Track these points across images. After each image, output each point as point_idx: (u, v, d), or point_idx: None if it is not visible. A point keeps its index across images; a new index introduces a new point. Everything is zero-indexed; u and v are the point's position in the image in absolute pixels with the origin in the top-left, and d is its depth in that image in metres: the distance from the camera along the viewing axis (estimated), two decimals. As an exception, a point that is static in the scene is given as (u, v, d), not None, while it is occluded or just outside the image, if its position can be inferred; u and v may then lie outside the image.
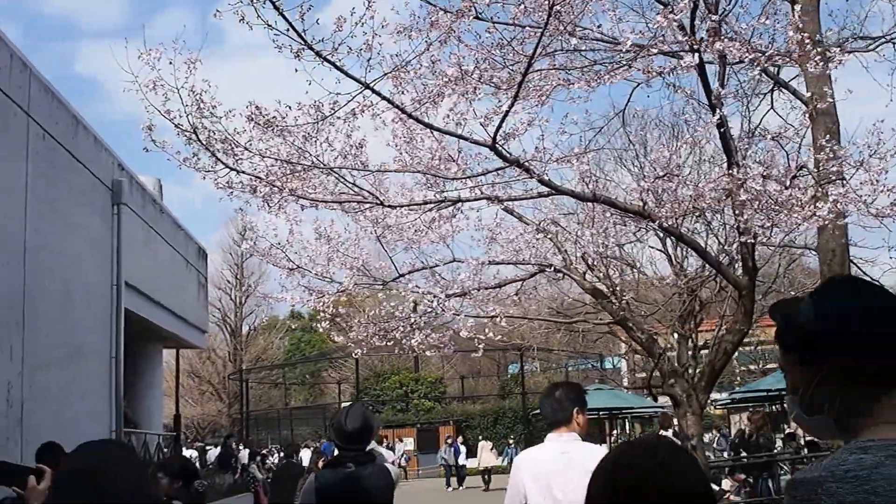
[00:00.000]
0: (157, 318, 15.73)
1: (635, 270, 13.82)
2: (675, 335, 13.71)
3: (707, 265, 11.68)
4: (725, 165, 8.01)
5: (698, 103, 8.60)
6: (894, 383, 1.90)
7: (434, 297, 8.80)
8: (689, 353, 11.88)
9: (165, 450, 17.32)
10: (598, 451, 4.79)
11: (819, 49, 8.27)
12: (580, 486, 3.22)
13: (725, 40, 7.16)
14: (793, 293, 16.53)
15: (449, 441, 32.50)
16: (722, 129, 7.69)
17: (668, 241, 14.04)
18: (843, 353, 1.91)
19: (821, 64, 7.80)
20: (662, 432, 20.10)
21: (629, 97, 8.43)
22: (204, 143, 6.97)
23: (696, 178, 9.04)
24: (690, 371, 10.50)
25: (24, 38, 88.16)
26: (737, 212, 7.99)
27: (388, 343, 9.36)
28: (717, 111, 7.38)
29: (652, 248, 13.44)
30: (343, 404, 45.05)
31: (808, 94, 10.38)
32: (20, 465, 3.43)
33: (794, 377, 2.06)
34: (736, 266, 9.93)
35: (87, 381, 11.73)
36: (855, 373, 1.91)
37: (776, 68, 10.75)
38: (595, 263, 9.35)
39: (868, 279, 2.18)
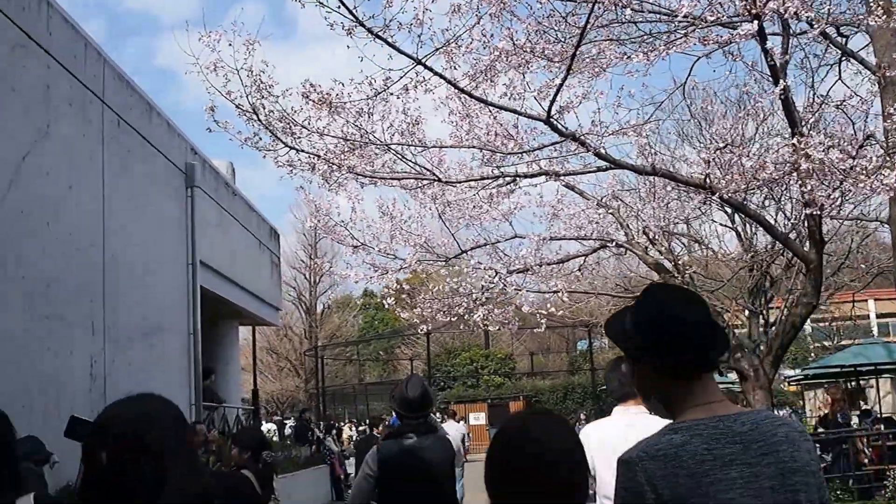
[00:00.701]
0: (231, 295, 16.18)
1: (703, 247, 13.68)
2: (747, 312, 13.58)
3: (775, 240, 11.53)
4: (790, 137, 7.91)
5: (760, 74, 8.50)
6: (694, 375, 2.37)
7: (496, 272, 8.93)
8: (761, 329, 11.79)
9: (244, 423, 17.81)
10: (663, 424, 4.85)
11: (885, 6, 8.10)
12: None
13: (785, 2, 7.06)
14: (863, 267, 16.22)
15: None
16: (784, 97, 7.59)
17: (737, 217, 13.85)
18: (649, 353, 2.40)
19: (887, 20, 7.63)
20: None
21: (690, 71, 8.32)
22: (263, 122, 7.17)
23: (759, 151, 8.92)
24: (762, 347, 10.43)
25: (106, 34, 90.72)
26: (800, 182, 7.90)
27: (453, 319, 9.51)
28: (780, 80, 7.29)
29: (716, 222, 13.31)
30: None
31: (877, 62, 10.17)
32: (90, 422, 3.58)
33: (629, 371, 2.57)
34: (805, 241, 9.80)
35: (166, 356, 12.18)
36: (661, 368, 2.38)
37: (843, 38, 10.56)
38: (657, 238, 9.30)
39: (681, 286, 2.73)
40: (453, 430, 19.87)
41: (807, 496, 2.27)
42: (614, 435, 4.64)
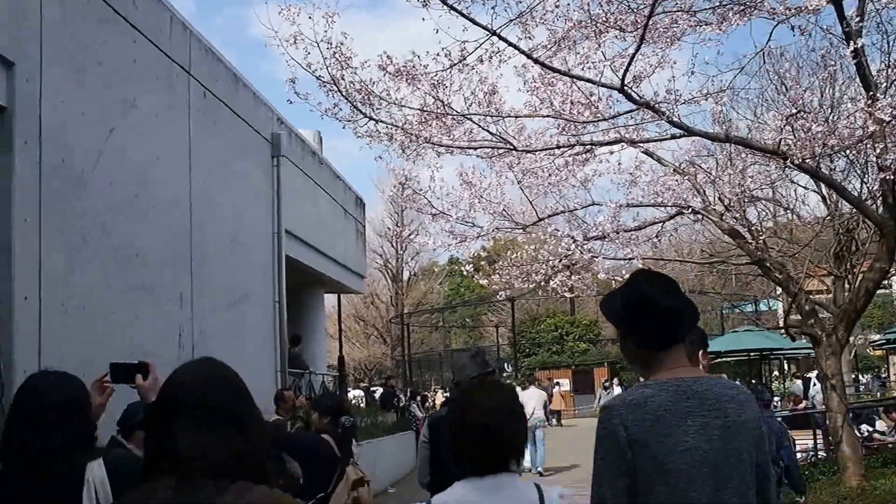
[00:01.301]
0: (317, 264, 16.41)
1: (787, 210, 13.28)
2: (832, 276, 13.19)
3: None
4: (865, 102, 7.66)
5: (838, 39, 8.20)
6: (662, 346, 3.00)
7: (573, 240, 8.88)
8: (846, 294, 11.46)
9: (329, 390, 18.11)
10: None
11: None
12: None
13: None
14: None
15: (606, 385, 32.26)
16: (857, 60, 7.33)
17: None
18: (632, 329, 3.08)
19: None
20: (808, 374, 19.71)
21: (769, 35, 8.01)
22: (343, 93, 7.23)
23: (833, 117, 8.65)
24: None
25: (197, 5, 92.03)
26: (870, 145, 7.69)
27: (531, 286, 9.52)
28: (852, 42, 7.04)
29: (799, 185, 12.87)
30: (502, 347, 45.73)
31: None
32: (129, 364, 3.74)
33: (620, 341, 3.22)
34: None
35: (252, 324, 12.43)
36: (636, 340, 3.07)
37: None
38: (732, 204, 9.15)
39: (661, 275, 3.39)
40: (535, 395, 19.99)
41: (745, 446, 2.91)
42: None
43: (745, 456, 2.90)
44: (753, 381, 14.16)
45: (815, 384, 18.53)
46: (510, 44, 6.84)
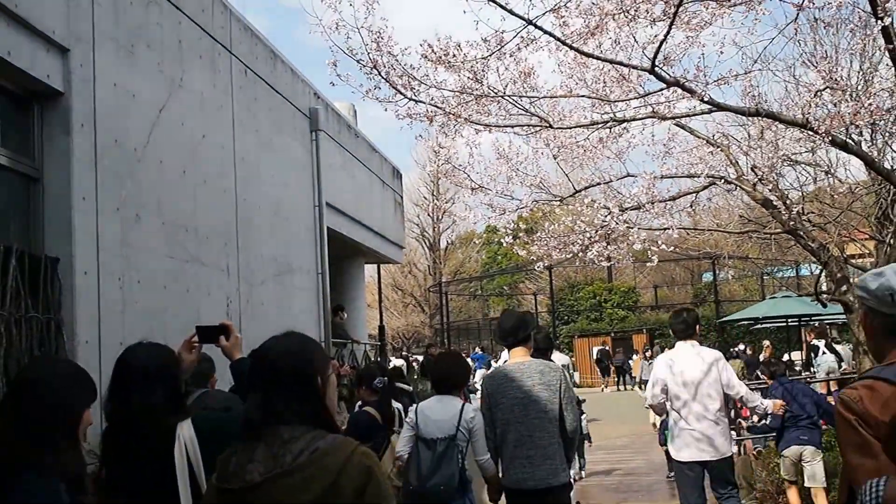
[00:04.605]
0: (356, 235, 16.66)
1: (829, 175, 13.24)
2: (874, 241, 13.19)
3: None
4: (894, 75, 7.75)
5: (867, 14, 8.24)
6: (510, 347, 6.58)
7: (609, 210, 9.09)
8: (886, 258, 11.48)
9: (371, 358, 18.43)
10: (712, 352, 7.83)
11: None
12: (699, 372, 7.58)
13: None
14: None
15: (648, 354, 31.99)
16: (886, 34, 7.39)
17: (863, 145, 13.31)
18: (501, 340, 6.87)
19: None
20: (814, 341, 19.80)
21: (801, 4, 7.94)
22: (384, 76, 7.47)
23: (859, 92, 8.72)
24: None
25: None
26: None
27: (568, 256, 9.75)
28: (881, 18, 7.09)
29: (838, 146, 12.79)
30: (541, 314, 45.94)
31: None
32: (212, 326, 4.27)
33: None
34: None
35: (296, 295, 12.74)
36: (505, 346, 6.92)
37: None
38: (765, 177, 9.29)
39: (510, 314, 7.01)
40: (557, 359, 20.15)
41: (547, 395, 6.11)
42: (683, 360, 7.68)
43: (544, 398, 6.08)
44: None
45: (823, 353, 18.20)
46: (546, 32, 7.06)
